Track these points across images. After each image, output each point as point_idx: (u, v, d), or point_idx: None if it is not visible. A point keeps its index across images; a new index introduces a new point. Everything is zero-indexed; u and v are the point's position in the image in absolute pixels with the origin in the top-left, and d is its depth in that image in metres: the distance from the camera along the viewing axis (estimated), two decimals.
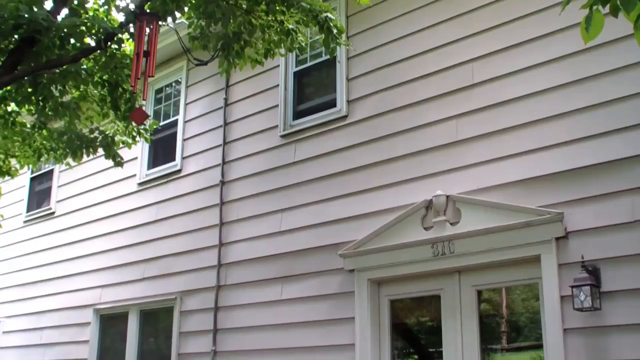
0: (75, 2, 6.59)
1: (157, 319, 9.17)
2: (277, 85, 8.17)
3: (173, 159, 9.38)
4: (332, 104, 7.55)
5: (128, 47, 7.43)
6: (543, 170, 5.66)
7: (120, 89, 7.40)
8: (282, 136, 7.90)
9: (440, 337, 6.08)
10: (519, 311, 6.08)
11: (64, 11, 6.61)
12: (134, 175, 9.89)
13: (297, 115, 7.92)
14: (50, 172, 12.09)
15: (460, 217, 6.00)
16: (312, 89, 8.12)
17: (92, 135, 7.92)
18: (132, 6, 6.40)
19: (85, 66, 7.25)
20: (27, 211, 12.38)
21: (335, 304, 6.80)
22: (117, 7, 7.10)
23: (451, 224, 6.04)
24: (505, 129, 6.00)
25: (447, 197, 6.10)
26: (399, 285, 6.51)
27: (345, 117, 7.32)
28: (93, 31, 6.55)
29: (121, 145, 8.30)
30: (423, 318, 6.80)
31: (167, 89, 10.13)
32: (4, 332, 11.85)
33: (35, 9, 5.93)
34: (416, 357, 6.83)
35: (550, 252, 5.40)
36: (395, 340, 6.49)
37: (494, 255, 5.71)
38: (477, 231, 5.80)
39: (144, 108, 7.51)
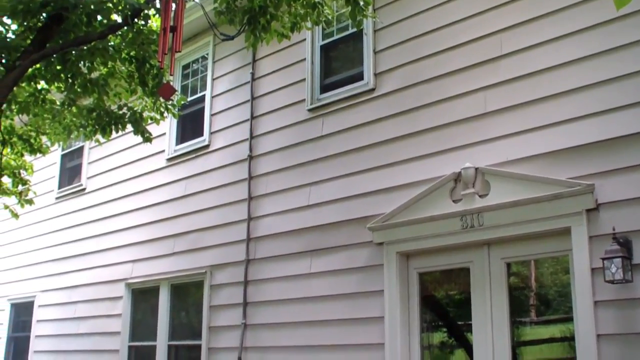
0: None
1: (187, 293, 9.26)
2: (304, 59, 8.14)
3: (201, 135, 9.41)
4: (359, 77, 7.51)
5: (154, 23, 7.45)
6: (573, 141, 5.59)
7: (147, 65, 7.43)
8: (309, 110, 7.89)
9: (469, 310, 6.08)
10: (549, 284, 6.05)
11: None
12: (163, 151, 9.95)
13: (324, 89, 7.90)
14: (81, 148, 12.21)
15: (489, 190, 5.96)
16: (339, 62, 8.08)
17: (120, 112, 7.97)
18: None
19: (112, 43, 7.29)
20: (59, 188, 12.54)
21: (364, 277, 6.82)
22: None
23: (480, 196, 6.00)
24: (534, 101, 5.93)
25: (476, 169, 6.06)
26: (427, 258, 6.50)
27: (372, 90, 7.28)
28: (119, 7, 6.58)
29: (149, 121, 8.36)
30: (452, 291, 6.79)
31: (193, 64, 10.14)
32: (39, 306, 12.07)
33: None
34: (445, 330, 6.82)
35: (581, 224, 5.35)
36: (424, 313, 6.50)
37: (524, 227, 5.67)
38: (506, 203, 5.76)
39: (171, 83, 7.54)
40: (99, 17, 6.52)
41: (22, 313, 12.83)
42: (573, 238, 5.40)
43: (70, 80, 7.40)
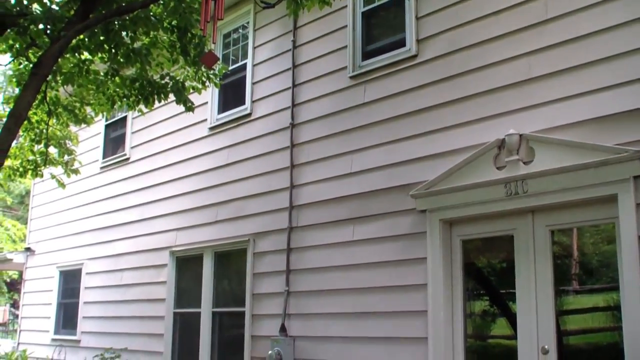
0: None
1: (230, 261, 9.36)
2: (345, 26, 8.07)
3: (243, 103, 9.44)
4: (402, 43, 7.43)
5: None
6: (620, 107, 5.49)
7: (189, 34, 7.46)
8: (351, 77, 7.85)
9: (513, 278, 6.04)
10: (593, 252, 5.98)
11: None
12: (205, 120, 10.01)
13: (366, 55, 7.84)
14: (124, 118, 12.35)
15: (534, 156, 5.88)
16: (381, 29, 8.00)
17: (162, 81, 8.03)
18: None
19: (154, 12, 7.32)
20: (103, 157, 12.71)
21: (407, 244, 6.81)
22: None
23: (524, 163, 5.93)
24: (579, 66, 5.82)
25: (520, 135, 5.98)
26: (471, 226, 6.46)
27: (414, 56, 7.20)
28: None
29: (191, 90, 8.41)
30: (495, 259, 6.76)
31: (234, 33, 10.14)
32: (87, 273, 12.33)
33: None
34: (487, 298, 6.79)
35: (628, 191, 5.27)
36: (467, 281, 6.47)
37: (569, 194, 5.60)
38: (551, 170, 5.68)
39: (213, 52, 7.55)
40: None
41: (70, 280, 13.12)
42: (620, 205, 5.32)
43: (113, 51, 7.48)
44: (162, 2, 7.16)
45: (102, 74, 8.17)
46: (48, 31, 6.91)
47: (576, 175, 5.54)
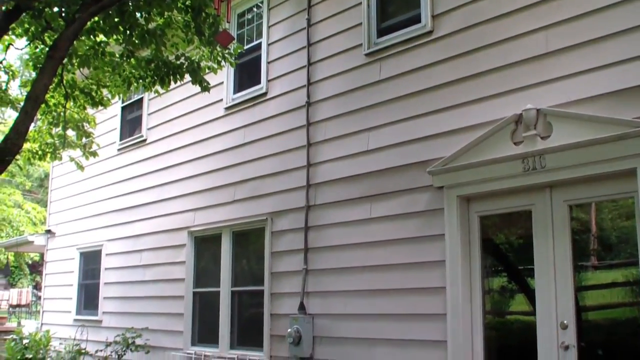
0: None
1: (249, 240, 9.41)
2: (360, 3, 8.02)
3: (258, 82, 9.43)
4: (417, 19, 7.37)
5: None
6: (638, 80, 5.43)
7: (203, 14, 7.45)
8: (367, 55, 7.81)
9: (531, 254, 6.03)
10: (612, 227, 5.95)
11: None
12: (221, 100, 10.02)
13: (381, 32, 7.79)
14: (140, 100, 12.38)
15: (552, 131, 5.84)
16: (395, 5, 7.94)
17: (178, 62, 8.04)
18: None
19: None
20: (120, 139, 12.78)
21: (425, 221, 6.81)
22: None
23: (542, 138, 5.90)
24: (597, 39, 5.75)
25: (538, 110, 5.94)
26: (488, 202, 6.44)
27: (430, 32, 7.15)
28: None
29: (207, 70, 8.41)
30: (513, 235, 6.74)
31: (248, 13, 10.11)
32: (107, 255, 12.44)
33: None
34: (505, 274, 6.78)
35: None
36: (485, 257, 6.47)
37: (587, 169, 5.57)
38: (569, 145, 5.64)
39: (228, 31, 7.54)
40: None
41: (90, 261, 13.25)
42: (639, 179, 5.27)
43: (128, 32, 7.49)
44: None
45: (117, 55, 8.18)
46: (63, 14, 6.93)
47: (594, 149, 5.49)
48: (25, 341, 14.00)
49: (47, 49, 7.29)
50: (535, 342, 5.86)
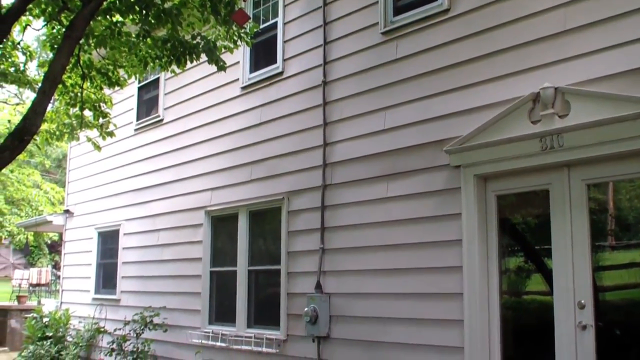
0: None
1: (265, 219, 9.43)
2: None
3: (274, 62, 9.41)
4: None
5: None
6: None
7: None
8: (383, 33, 7.76)
9: (548, 234, 6.00)
10: (630, 207, 5.91)
11: None
12: (237, 79, 10.01)
13: (397, 11, 7.73)
14: (157, 80, 12.39)
15: (570, 110, 5.79)
16: None
17: (194, 42, 8.02)
18: None
19: None
20: (137, 120, 12.81)
21: (441, 200, 6.80)
22: None
23: (560, 116, 5.85)
24: (616, 16, 5.67)
25: (556, 89, 5.88)
26: (506, 181, 6.41)
27: (447, 10, 7.08)
28: None
29: (223, 50, 8.40)
30: (530, 214, 6.70)
31: None
32: (124, 234, 12.52)
33: None
34: (522, 254, 6.76)
35: None
36: (502, 237, 6.45)
37: (606, 148, 5.51)
38: (588, 123, 5.60)
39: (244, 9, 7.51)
40: None
41: (108, 241, 13.35)
42: None
43: (144, 12, 7.48)
44: None
45: (133, 35, 8.19)
46: None
47: (613, 128, 5.44)
48: (45, 319, 14.19)
49: (64, 29, 7.30)
50: (552, 322, 5.85)
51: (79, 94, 9.67)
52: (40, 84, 6.72)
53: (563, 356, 5.72)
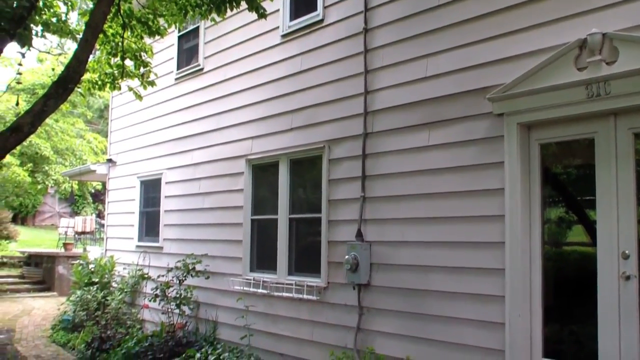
0: None
1: (306, 168, 9.44)
2: None
3: (314, 9, 9.30)
4: None
5: None
6: None
7: None
8: None
9: (592, 183, 5.90)
10: None
11: None
12: (277, 27, 9.94)
13: None
14: (196, 29, 12.39)
15: (618, 56, 5.63)
16: None
17: None
18: None
19: None
20: (178, 69, 12.84)
21: (483, 149, 6.72)
22: None
23: (607, 63, 5.70)
24: None
25: (603, 35, 5.72)
26: (550, 129, 6.30)
27: None
28: None
29: None
30: (574, 163, 6.58)
31: None
32: (166, 183, 12.67)
33: None
34: (564, 204, 6.66)
35: None
36: (544, 186, 6.37)
37: None
38: (636, 70, 5.44)
39: None
40: None
41: (150, 189, 13.54)
42: None
43: None
44: None
45: None
46: None
47: None
48: (91, 266, 14.56)
49: None
50: (595, 273, 5.80)
51: (119, 44, 9.73)
52: (82, 33, 6.76)
53: (606, 306, 5.68)
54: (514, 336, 6.24)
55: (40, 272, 22.85)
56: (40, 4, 8.56)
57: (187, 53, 12.78)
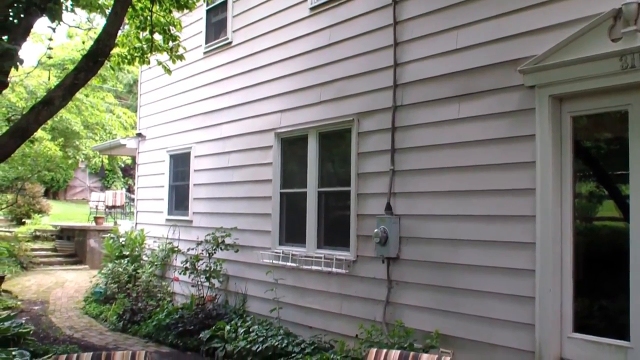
0: None
1: (335, 141, 9.42)
2: None
3: None
4: None
5: None
6: None
7: None
8: None
9: (624, 158, 5.80)
10: None
11: None
12: (306, 0, 9.88)
13: None
14: (225, 2, 12.35)
15: None
16: None
17: None
18: None
19: None
20: (206, 43, 12.84)
21: (514, 121, 6.64)
22: None
23: None
24: None
25: (639, 4, 5.60)
26: (582, 101, 6.20)
27: None
28: None
29: None
30: (607, 136, 6.48)
31: None
32: (195, 157, 12.74)
33: None
34: (596, 178, 6.56)
35: None
36: (576, 159, 6.28)
37: None
38: None
39: None
40: None
41: (180, 163, 13.62)
42: None
43: None
44: None
45: None
46: None
47: None
48: (121, 239, 14.73)
49: None
50: (625, 248, 5.73)
51: (148, 18, 9.75)
52: (111, 7, 6.78)
53: (638, 281, 5.62)
54: (544, 310, 6.21)
55: (72, 246, 23.19)
56: None
57: (216, 27, 12.77)
